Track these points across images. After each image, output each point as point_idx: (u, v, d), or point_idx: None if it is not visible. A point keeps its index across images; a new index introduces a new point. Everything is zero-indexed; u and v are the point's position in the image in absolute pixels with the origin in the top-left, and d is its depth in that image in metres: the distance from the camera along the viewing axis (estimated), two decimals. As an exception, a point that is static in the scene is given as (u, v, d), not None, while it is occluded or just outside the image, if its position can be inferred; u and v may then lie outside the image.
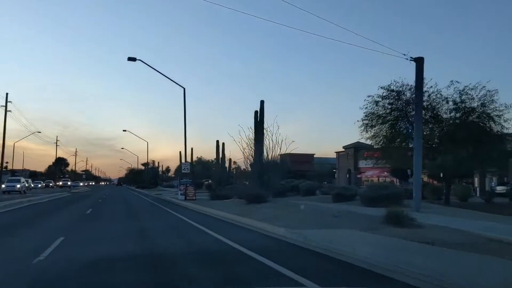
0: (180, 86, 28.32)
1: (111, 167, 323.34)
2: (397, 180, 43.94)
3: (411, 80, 19.27)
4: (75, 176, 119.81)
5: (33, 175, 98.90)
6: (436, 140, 22.67)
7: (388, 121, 22.03)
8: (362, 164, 57.79)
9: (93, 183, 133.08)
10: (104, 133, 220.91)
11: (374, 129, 22.63)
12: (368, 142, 24.79)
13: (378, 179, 49.96)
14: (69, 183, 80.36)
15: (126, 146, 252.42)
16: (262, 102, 25.06)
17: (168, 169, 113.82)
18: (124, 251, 7.71)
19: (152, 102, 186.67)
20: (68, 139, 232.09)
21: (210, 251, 7.89)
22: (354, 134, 65.45)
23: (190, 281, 5.35)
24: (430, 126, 22.02)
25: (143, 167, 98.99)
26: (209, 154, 62.86)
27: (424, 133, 20.75)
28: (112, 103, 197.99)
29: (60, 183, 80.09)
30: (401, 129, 22.35)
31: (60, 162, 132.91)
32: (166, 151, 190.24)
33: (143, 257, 7.02)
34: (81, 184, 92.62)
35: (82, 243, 9.06)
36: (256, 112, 25.06)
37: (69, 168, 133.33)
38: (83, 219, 14.94)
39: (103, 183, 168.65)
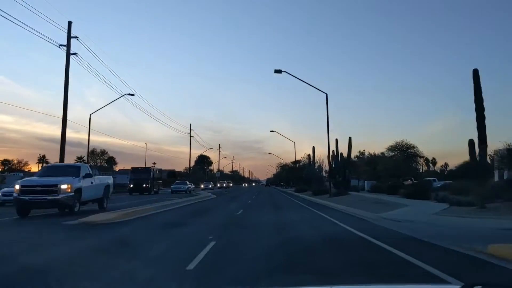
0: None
1: (259, 169, 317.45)
2: None
3: None
4: (210, 176, 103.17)
5: (172, 175, 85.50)
6: None
7: None
8: None
9: (231, 184, 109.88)
10: (251, 136, 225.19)
11: None
12: None
13: None
14: (210, 185, 71.50)
15: (271, 149, 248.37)
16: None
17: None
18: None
19: (295, 107, 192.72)
20: (219, 143, 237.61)
21: None
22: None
23: None
24: None
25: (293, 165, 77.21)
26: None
27: None
28: (259, 109, 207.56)
29: (202, 186, 69.95)
30: None
31: (203, 161, 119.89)
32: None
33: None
34: (206, 185, 71.42)
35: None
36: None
37: (213, 168, 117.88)
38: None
39: (246, 184, 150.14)
